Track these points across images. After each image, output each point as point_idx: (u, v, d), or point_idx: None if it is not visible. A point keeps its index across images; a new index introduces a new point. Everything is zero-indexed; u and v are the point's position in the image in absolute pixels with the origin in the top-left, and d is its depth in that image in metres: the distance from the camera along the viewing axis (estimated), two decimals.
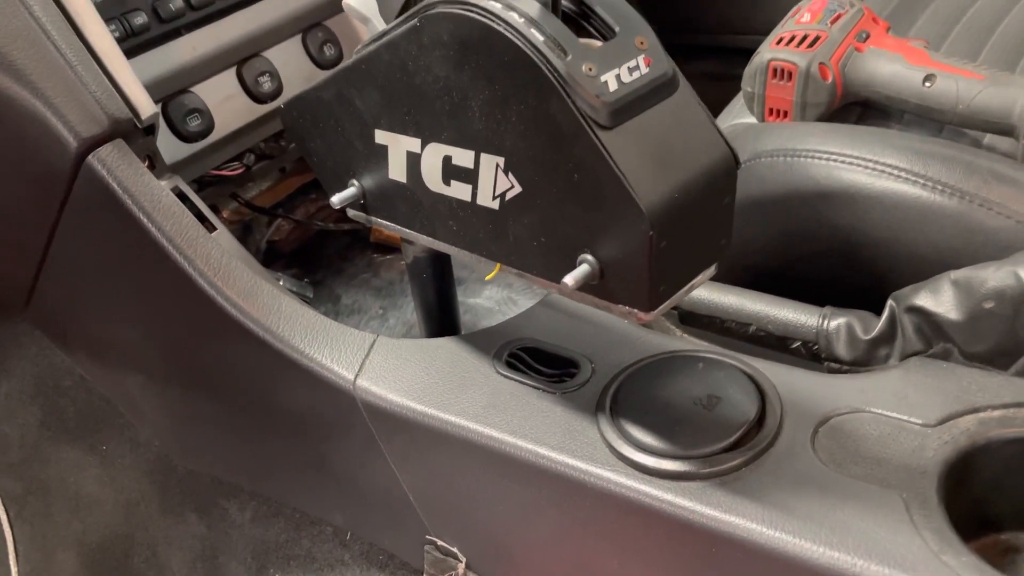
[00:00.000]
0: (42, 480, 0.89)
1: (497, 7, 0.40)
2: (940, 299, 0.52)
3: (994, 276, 0.50)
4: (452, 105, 0.45)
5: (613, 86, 0.39)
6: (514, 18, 0.40)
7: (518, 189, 0.44)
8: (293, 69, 0.81)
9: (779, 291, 0.63)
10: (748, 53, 0.79)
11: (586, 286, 0.43)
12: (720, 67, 1.41)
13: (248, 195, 0.89)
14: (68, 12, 0.60)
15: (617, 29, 0.41)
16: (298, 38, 0.82)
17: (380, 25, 0.53)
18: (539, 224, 0.45)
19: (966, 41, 0.81)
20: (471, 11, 0.41)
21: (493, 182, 0.46)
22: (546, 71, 0.39)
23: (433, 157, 0.49)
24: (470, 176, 0.47)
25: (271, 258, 0.94)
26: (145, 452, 0.85)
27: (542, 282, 0.47)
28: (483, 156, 0.46)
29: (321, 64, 0.83)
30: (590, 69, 0.39)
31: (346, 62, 0.52)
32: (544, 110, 0.40)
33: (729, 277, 0.65)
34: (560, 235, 0.44)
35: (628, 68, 0.40)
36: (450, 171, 0.48)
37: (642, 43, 0.41)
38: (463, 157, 0.47)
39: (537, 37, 0.39)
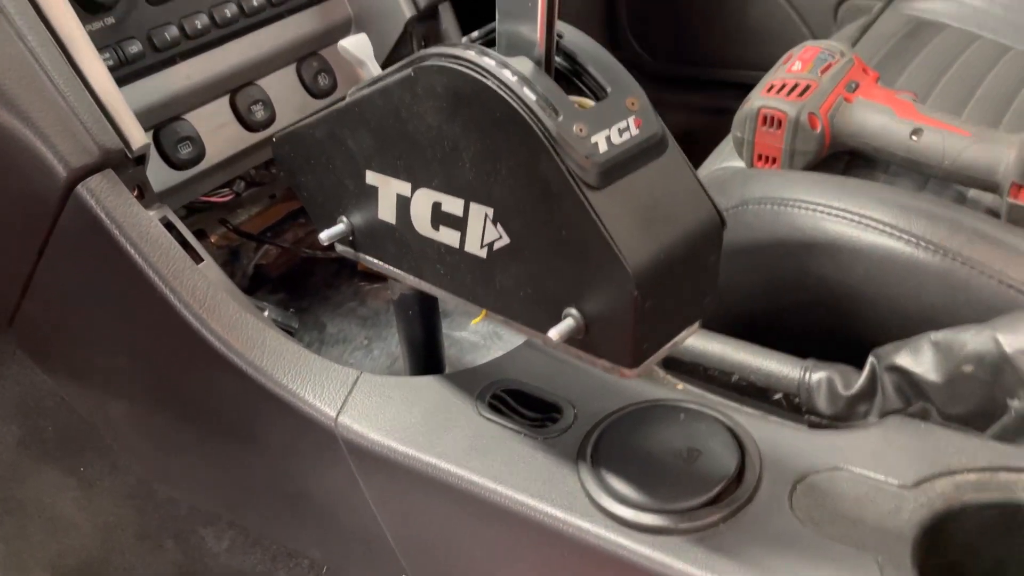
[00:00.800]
0: (19, 499, 0.88)
1: (491, 64, 0.40)
2: (920, 359, 0.52)
3: (974, 340, 0.50)
4: (443, 154, 0.46)
5: (603, 147, 0.40)
6: (507, 76, 0.40)
7: (506, 240, 0.45)
8: (286, 98, 0.81)
9: (763, 338, 0.64)
10: (742, 86, 0.80)
11: (571, 339, 0.44)
12: (714, 100, 1.43)
13: (237, 220, 0.89)
14: (62, 41, 0.60)
15: (609, 90, 0.42)
16: (292, 67, 0.82)
17: (375, 69, 0.53)
18: (526, 276, 0.45)
19: (952, 94, 0.82)
20: (464, 66, 0.41)
21: (482, 231, 0.46)
22: (537, 130, 0.39)
23: (423, 202, 0.49)
24: (459, 223, 0.47)
25: (258, 283, 0.93)
26: (124, 476, 0.84)
27: (528, 331, 0.47)
28: (472, 205, 0.46)
29: (315, 93, 0.83)
30: (580, 130, 0.39)
31: (340, 103, 0.52)
32: (534, 168, 0.40)
33: (713, 322, 0.65)
34: (547, 288, 0.44)
35: (618, 129, 0.40)
36: (439, 217, 0.49)
37: (633, 104, 0.41)
38: (453, 205, 0.47)
39: (529, 96, 0.39)
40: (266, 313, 0.72)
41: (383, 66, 0.85)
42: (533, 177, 0.41)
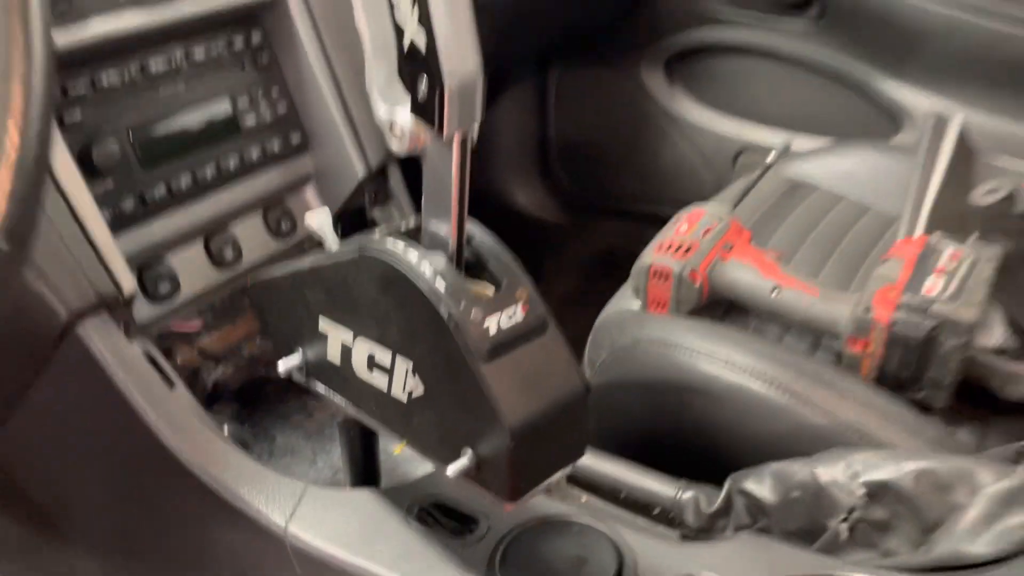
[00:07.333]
0: None
1: (413, 258, 0.53)
2: (762, 485, 0.65)
3: (800, 471, 0.64)
4: (378, 317, 0.57)
5: (493, 330, 0.52)
6: (424, 268, 0.52)
7: (422, 389, 0.56)
8: (252, 239, 0.92)
9: (651, 457, 0.76)
10: (655, 218, 0.94)
11: (466, 474, 0.55)
12: (631, 228, 1.58)
13: (201, 342, 0.99)
14: (69, 201, 0.71)
15: (504, 282, 0.54)
16: (259, 213, 0.94)
17: (333, 245, 0.66)
18: (436, 420, 0.56)
19: (815, 252, 0.98)
20: (393, 260, 0.54)
21: (404, 380, 0.57)
22: (443, 314, 0.51)
23: (361, 350, 0.60)
24: (387, 371, 0.59)
25: (215, 396, 1.03)
26: None
27: (437, 464, 0.58)
28: (399, 357, 0.57)
29: (277, 235, 0.95)
30: (477, 315, 0.52)
31: (303, 264, 0.64)
32: (441, 341, 0.52)
33: (610, 442, 0.78)
34: (450, 431, 0.55)
35: (507, 315, 0.53)
36: (373, 364, 0.60)
37: (521, 295, 0.54)
38: (383, 355, 0.58)
39: (440, 287, 0.52)
40: (225, 429, 0.82)
41: (339, 213, 0.98)
42: (441, 347, 0.53)
